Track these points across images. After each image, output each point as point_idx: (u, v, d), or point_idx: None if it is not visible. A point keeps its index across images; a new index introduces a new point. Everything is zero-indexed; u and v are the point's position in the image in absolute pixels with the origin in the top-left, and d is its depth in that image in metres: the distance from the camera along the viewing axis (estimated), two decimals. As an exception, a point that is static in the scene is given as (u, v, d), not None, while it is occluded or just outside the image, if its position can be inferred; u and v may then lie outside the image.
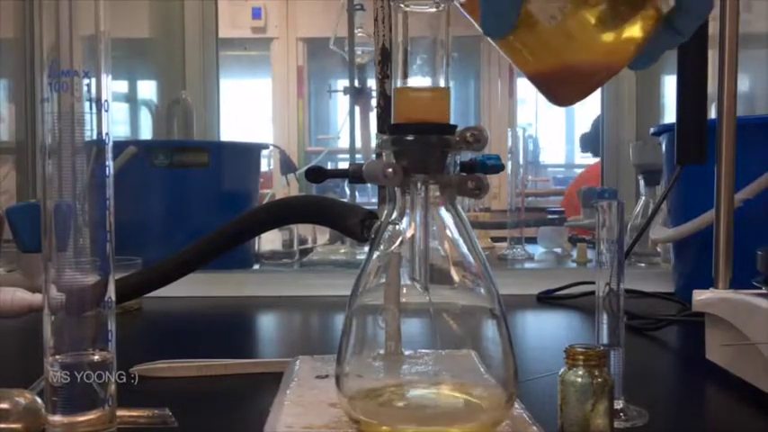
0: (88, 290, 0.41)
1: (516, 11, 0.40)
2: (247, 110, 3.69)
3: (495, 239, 1.63)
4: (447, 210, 0.47)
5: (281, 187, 1.68)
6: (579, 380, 0.45)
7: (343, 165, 0.67)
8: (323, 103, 3.93)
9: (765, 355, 0.56)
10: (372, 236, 0.49)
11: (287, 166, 1.60)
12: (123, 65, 1.89)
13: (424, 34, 0.47)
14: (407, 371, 0.48)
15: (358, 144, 1.59)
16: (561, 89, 0.42)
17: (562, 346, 0.46)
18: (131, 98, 2.01)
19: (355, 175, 0.51)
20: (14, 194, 1.47)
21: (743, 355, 0.60)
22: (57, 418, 0.41)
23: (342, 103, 2.24)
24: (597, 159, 2.61)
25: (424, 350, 0.48)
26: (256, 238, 1.35)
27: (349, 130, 1.60)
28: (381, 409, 0.45)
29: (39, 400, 0.44)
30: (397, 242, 0.47)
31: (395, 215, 0.47)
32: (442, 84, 0.47)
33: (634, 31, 0.40)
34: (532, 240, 1.58)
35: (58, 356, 0.41)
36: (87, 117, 0.41)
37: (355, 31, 1.54)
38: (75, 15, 0.40)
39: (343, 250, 1.46)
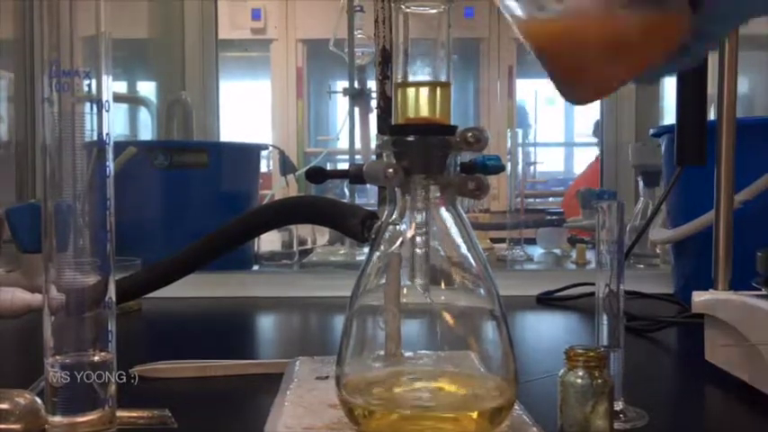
0: (88, 290, 0.41)
1: None
2: (247, 111, 3.69)
3: (494, 240, 1.63)
4: (447, 210, 0.47)
5: (281, 188, 1.68)
6: (579, 381, 0.45)
7: (343, 166, 0.67)
8: (322, 105, 3.93)
9: (765, 356, 0.56)
10: (373, 236, 0.49)
11: (286, 166, 1.60)
12: (123, 65, 1.89)
13: (425, 36, 0.47)
14: (407, 370, 0.48)
15: (357, 145, 1.59)
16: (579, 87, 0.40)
17: (562, 347, 0.46)
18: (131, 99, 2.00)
19: (356, 176, 0.51)
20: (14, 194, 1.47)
21: (742, 356, 0.60)
22: (57, 419, 0.41)
23: (341, 104, 2.25)
24: (593, 161, 2.62)
25: (424, 351, 0.48)
26: (256, 238, 1.34)
27: (348, 132, 1.60)
28: (381, 401, 0.45)
29: (39, 400, 0.44)
30: (398, 243, 0.47)
31: (395, 216, 0.47)
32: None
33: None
34: (532, 241, 1.58)
35: (58, 357, 0.41)
36: (88, 117, 0.41)
37: (355, 33, 1.54)
38: (76, 16, 0.40)
39: (342, 251, 1.46)
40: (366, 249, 0.49)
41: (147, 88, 2.02)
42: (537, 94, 3.89)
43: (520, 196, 1.59)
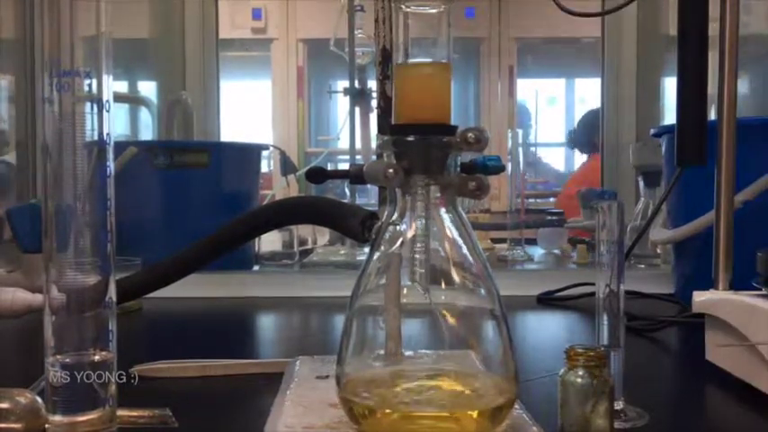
0: (89, 290, 0.41)
1: None
2: (247, 110, 3.69)
3: (494, 240, 1.63)
4: (448, 211, 0.47)
5: (281, 188, 1.68)
6: (579, 380, 0.45)
7: (343, 166, 0.67)
8: (323, 104, 3.92)
9: (765, 355, 0.56)
10: (373, 237, 0.49)
11: (287, 166, 1.60)
12: (123, 65, 1.89)
13: (425, 35, 0.47)
14: (408, 370, 0.48)
15: (358, 145, 1.59)
16: None
17: (562, 346, 0.46)
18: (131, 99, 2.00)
19: (356, 176, 0.52)
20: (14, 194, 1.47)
21: (743, 356, 0.60)
22: (57, 418, 0.41)
23: (342, 104, 2.25)
24: (586, 158, 2.62)
25: (424, 350, 0.49)
26: (256, 239, 1.34)
27: (349, 132, 1.60)
28: (381, 400, 0.45)
29: (39, 400, 0.44)
30: (398, 243, 0.47)
31: (395, 216, 0.47)
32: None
33: None
34: (532, 241, 1.58)
35: (58, 356, 0.41)
36: (88, 117, 0.41)
37: (355, 32, 1.54)
38: (76, 16, 0.40)
39: (343, 251, 1.46)
40: (366, 249, 0.50)
41: (147, 88, 2.02)
42: (537, 94, 3.89)
43: (520, 196, 1.59)
